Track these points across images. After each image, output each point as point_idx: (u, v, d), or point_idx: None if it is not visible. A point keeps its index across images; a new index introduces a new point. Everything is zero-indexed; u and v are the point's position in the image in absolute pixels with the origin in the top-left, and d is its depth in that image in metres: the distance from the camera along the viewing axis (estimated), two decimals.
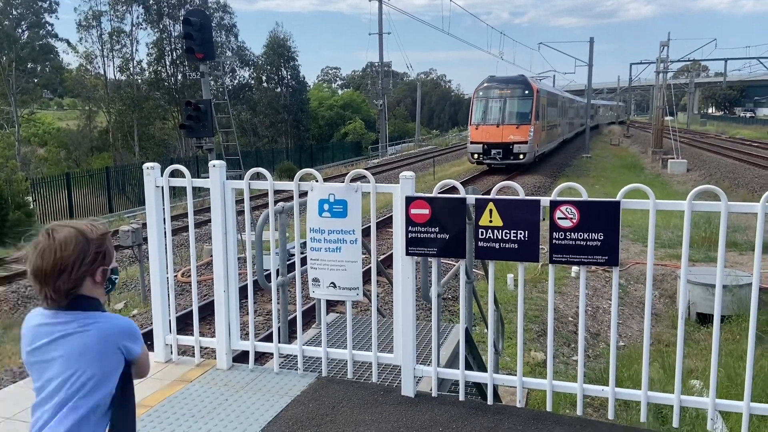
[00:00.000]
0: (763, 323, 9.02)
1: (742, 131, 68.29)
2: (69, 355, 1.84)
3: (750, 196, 21.41)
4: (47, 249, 1.84)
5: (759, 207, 3.12)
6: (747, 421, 3.26)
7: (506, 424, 3.39)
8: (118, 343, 1.89)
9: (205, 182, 4.08)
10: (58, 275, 1.83)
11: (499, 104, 28.36)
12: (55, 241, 1.85)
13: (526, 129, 27.71)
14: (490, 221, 3.49)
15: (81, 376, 1.83)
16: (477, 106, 28.90)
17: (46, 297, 1.87)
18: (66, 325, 1.86)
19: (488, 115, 28.42)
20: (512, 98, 28.43)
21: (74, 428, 1.82)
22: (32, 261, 1.86)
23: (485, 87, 29.10)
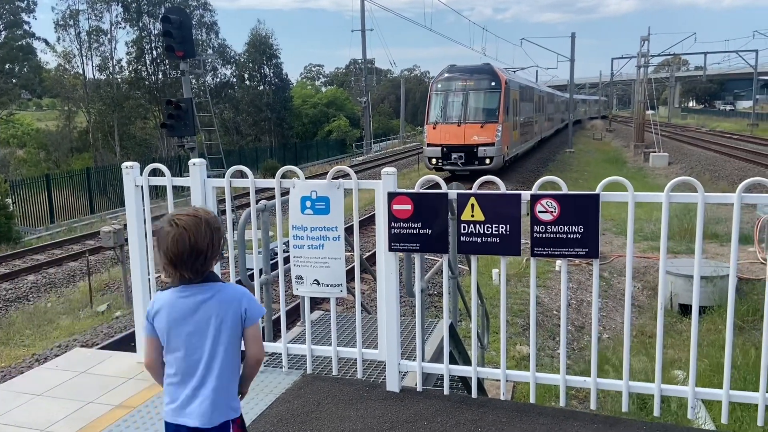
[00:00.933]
0: (744, 313, 9.18)
1: (722, 124, 69.15)
2: (209, 318, 2.18)
3: (730, 187, 21.69)
4: (180, 238, 2.12)
5: (735, 198, 3.16)
6: (727, 409, 3.31)
7: (490, 416, 3.41)
8: (242, 306, 2.24)
9: (186, 181, 4.05)
10: (195, 259, 2.14)
11: (460, 99, 23.79)
12: (185, 230, 2.12)
13: (493, 128, 23.16)
14: (472, 216, 3.50)
15: (221, 333, 2.19)
16: (435, 101, 24.41)
17: (182, 276, 2.17)
18: (203, 294, 2.19)
19: (448, 111, 23.84)
20: (476, 91, 23.87)
21: (225, 375, 2.21)
22: (168, 248, 2.12)
23: (444, 78, 24.60)
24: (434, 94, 24.50)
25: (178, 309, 2.19)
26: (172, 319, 2.20)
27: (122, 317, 10.15)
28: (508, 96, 24.36)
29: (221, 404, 2.23)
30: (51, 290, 12.97)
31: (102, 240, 11.01)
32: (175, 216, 2.17)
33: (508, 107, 24.64)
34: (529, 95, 32.05)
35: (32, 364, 8.24)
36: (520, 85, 29.16)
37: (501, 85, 23.72)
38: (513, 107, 25.98)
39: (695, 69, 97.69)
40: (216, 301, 2.20)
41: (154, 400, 3.70)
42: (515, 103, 26.60)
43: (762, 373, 3.21)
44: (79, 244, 16.92)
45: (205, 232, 2.15)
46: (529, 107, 32.04)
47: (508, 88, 24.47)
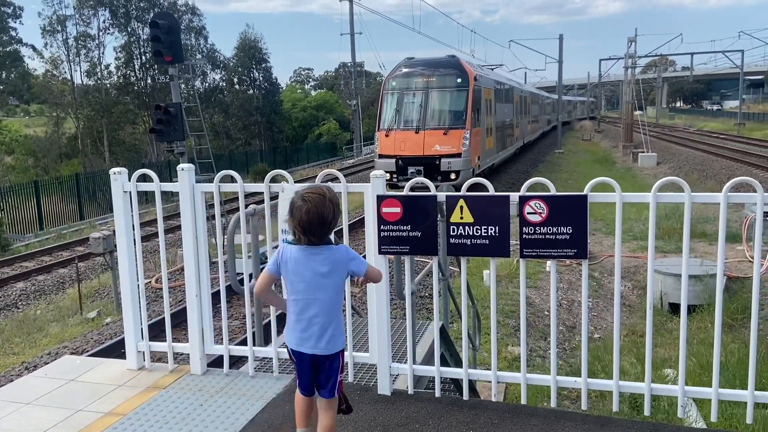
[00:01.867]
0: (733, 311, 9.25)
1: (709, 124, 69.72)
2: (327, 273, 2.79)
3: (718, 186, 21.80)
4: (310, 211, 2.71)
5: (721, 197, 3.19)
6: (716, 407, 3.33)
7: (482, 418, 3.41)
8: (348, 267, 2.85)
9: (174, 186, 4.03)
10: (320, 226, 2.73)
11: (419, 99, 19.43)
12: (313, 204, 2.71)
13: (459, 135, 18.76)
14: (461, 218, 3.51)
15: (334, 288, 2.83)
16: (387, 103, 19.85)
17: (309, 240, 2.76)
18: (321, 254, 2.79)
19: (404, 115, 19.52)
20: (438, 90, 19.50)
21: (335, 319, 2.86)
22: (302, 218, 2.72)
23: (399, 75, 20.22)
24: (387, 94, 20.00)
25: (303, 263, 2.79)
26: (297, 269, 2.80)
27: (112, 324, 10.08)
28: (478, 95, 20.19)
29: (332, 338, 2.85)
30: (40, 297, 12.87)
31: (91, 246, 10.95)
32: (305, 193, 2.75)
33: (479, 109, 20.42)
34: (507, 95, 28.19)
35: (21, 372, 8.17)
36: (496, 83, 25.09)
37: (469, 81, 19.34)
38: (486, 109, 21.88)
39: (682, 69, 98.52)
40: (330, 260, 2.80)
41: (144, 407, 3.67)
42: (489, 104, 22.52)
43: (750, 371, 3.23)
44: (68, 250, 16.81)
45: (328, 207, 2.74)
46: (507, 109, 28.02)
47: (478, 86, 20.26)
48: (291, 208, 2.77)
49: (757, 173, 23.99)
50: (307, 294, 2.81)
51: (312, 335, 2.82)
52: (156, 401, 3.75)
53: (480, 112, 20.54)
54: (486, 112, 21.86)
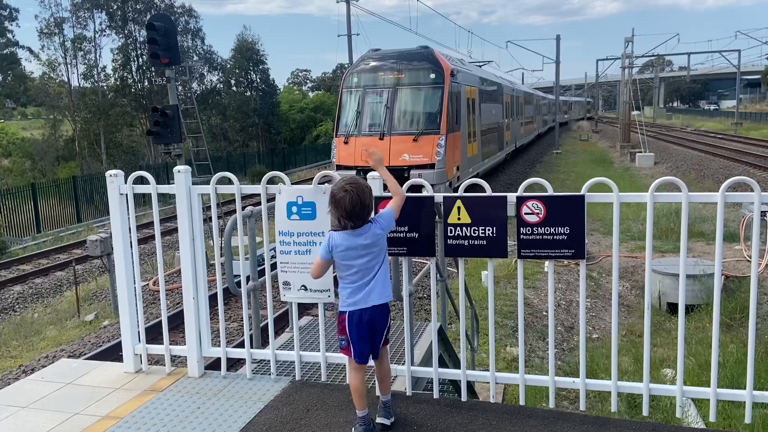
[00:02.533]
0: (731, 310, 9.26)
1: (706, 124, 69.83)
2: (372, 244, 3.25)
3: (716, 186, 21.85)
4: (354, 199, 3.13)
5: (718, 197, 3.18)
6: (715, 407, 3.32)
7: (480, 419, 3.41)
8: (384, 232, 3.32)
9: (171, 188, 4.02)
10: (362, 211, 3.17)
11: (384, 98, 16.25)
12: (355, 193, 3.13)
13: (432, 142, 15.65)
14: (458, 219, 3.50)
15: (380, 251, 3.31)
16: (347, 103, 16.75)
17: (354, 224, 3.19)
18: (367, 231, 3.24)
19: (366, 118, 16.36)
20: (408, 88, 16.33)
21: (385, 277, 3.34)
22: (346, 206, 3.13)
23: (362, 69, 16.96)
24: (347, 93, 16.78)
25: (351, 245, 3.22)
26: (348, 253, 3.23)
27: (110, 326, 10.06)
28: (457, 94, 17.10)
29: (385, 291, 3.34)
30: (38, 300, 12.84)
31: (89, 249, 10.92)
32: (345, 184, 3.16)
33: (458, 110, 17.31)
34: (495, 94, 24.95)
35: (19, 375, 8.14)
36: (481, 81, 21.56)
37: (444, 77, 16.09)
38: (468, 110, 18.78)
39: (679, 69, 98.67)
40: (371, 234, 3.24)
41: (141, 410, 3.66)
42: (471, 104, 19.44)
43: (749, 370, 3.22)
44: (65, 253, 16.77)
45: (366, 194, 3.17)
46: (496, 110, 24.94)
47: (456, 83, 17.12)
48: (333, 200, 3.18)
49: (755, 173, 24.03)
50: (361, 266, 3.26)
51: (371, 291, 3.28)
52: (153, 404, 3.74)
53: (460, 113, 17.39)
54: (468, 113, 18.71)
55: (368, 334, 3.30)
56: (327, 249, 3.28)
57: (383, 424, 3.33)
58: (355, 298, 3.29)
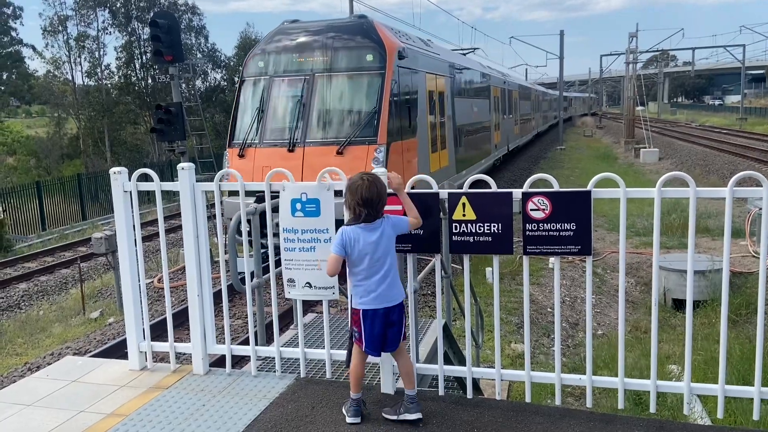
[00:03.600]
0: (737, 306, 9.21)
1: (711, 119, 69.52)
2: (386, 239, 3.32)
3: (721, 182, 21.79)
4: (372, 186, 3.23)
5: (727, 192, 3.15)
6: (722, 404, 3.30)
7: (486, 417, 3.39)
8: (396, 229, 3.39)
9: (174, 185, 4.01)
10: (378, 200, 3.26)
11: (297, 92, 11.33)
12: (372, 181, 3.24)
13: (364, 155, 10.68)
14: (463, 215, 3.49)
15: (391, 248, 3.36)
16: (247, 99, 11.87)
17: (368, 214, 3.25)
18: (380, 226, 3.31)
19: (270, 120, 11.45)
20: (332, 76, 11.30)
21: (395, 274, 3.38)
22: (363, 194, 3.21)
23: (268, 50, 11.88)
24: (248, 84, 11.89)
25: (364, 239, 3.28)
26: (362, 247, 3.28)
27: (115, 323, 10.07)
28: (410, 84, 12.06)
29: (396, 292, 3.38)
30: (43, 298, 12.87)
31: (93, 246, 10.93)
32: (362, 174, 3.27)
33: (414, 107, 12.20)
34: (478, 87, 19.90)
35: (24, 372, 8.16)
36: (454, 69, 16.32)
37: (386, 60, 11.02)
38: (432, 107, 13.63)
39: (684, 64, 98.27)
40: (381, 229, 3.31)
41: (147, 408, 3.66)
42: (439, 99, 14.30)
43: (756, 367, 3.20)
44: (70, 251, 16.81)
45: (382, 185, 3.29)
46: (479, 107, 19.67)
47: (410, 70, 12.05)
48: (351, 187, 3.25)
49: (760, 168, 23.91)
50: (373, 262, 3.30)
51: (383, 292, 3.33)
52: (158, 402, 3.73)
53: (415, 112, 12.15)
54: (432, 112, 13.49)
55: (382, 331, 3.36)
56: (340, 244, 3.30)
57: (418, 419, 3.33)
58: (370, 297, 3.33)
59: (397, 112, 11.30)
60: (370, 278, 3.32)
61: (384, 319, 3.35)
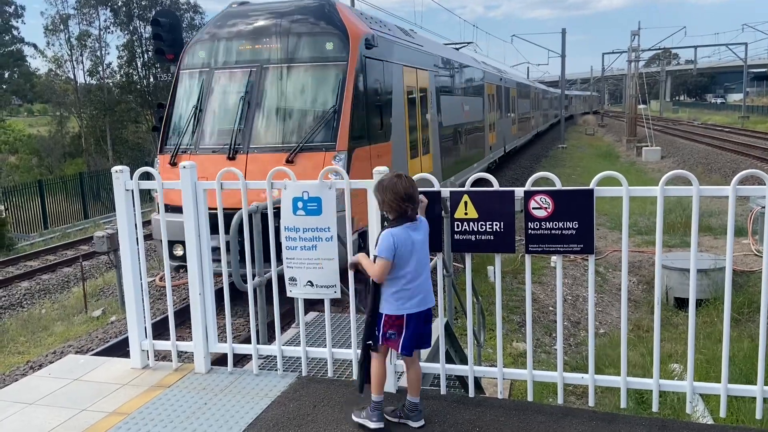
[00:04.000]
0: (739, 305, 9.20)
1: (713, 117, 69.40)
2: (424, 241, 3.29)
3: (723, 180, 21.76)
4: (410, 183, 3.19)
5: (730, 190, 3.14)
6: (725, 403, 3.29)
7: (488, 416, 3.39)
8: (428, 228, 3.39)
9: (176, 184, 4.01)
10: (417, 195, 3.23)
11: (242, 87, 9.26)
12: (407, 178, 3.19)
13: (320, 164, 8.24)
14: (465, 213, 3.48)
15: (426, 245, 3.32)
16: (183, 95, 9.87)
17: (413, 210, 3.19)
18: (421, 225, 3.30)
19: (209, 121, 9.37)
20: (284, 68, 9.21)
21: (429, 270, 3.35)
22: (405, 189, 3.15)
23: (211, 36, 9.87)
24: (185, 77, 9.98)
25: (409, 239, 3.20)
26: (407, 248, 3.19)
27: (117, 322, 10.07)
28: (380, 78, 10.15)
29: (432, 296, 3.40)
30: (45, 296, 12.88)
31: (95, 245, 10.93)
32: (394, 173, 3.24)
33: (387, 106, 10.34)
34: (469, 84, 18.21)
35: (26, 371, 8.17)
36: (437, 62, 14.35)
37: (349, 49, 9.20)
38: (410, 106, 11.54)
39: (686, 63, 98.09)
40: (422, 228, 3.30)
41: (149, 406, 3.66)
42: (420, 96, 12.30)
43: (759, 366, 3.19)
44: (72, 249, 16.82)
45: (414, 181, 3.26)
46: (472, 105, 17.93)
47: (380, 62, 10.18)
48: (389, 186, 3.15)
49: (762, 166, 23.86)
50: (416, 263, 3.23)
51: (426, 293, 3.31)
52: (160, 400, 3.74)
53: (387, 111, 10.19)
54: (412, 110, 11.51)
55: (423, 332, 3.33)
56: (390, 248, 3.16)
57: (420, 427, 3.30)
58: (416, 300, 3.26)
59: (364, 112, 9.27)
60: (416, 280, 3.23)
61: (425, 319, 3.32)
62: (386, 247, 3.16)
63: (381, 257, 3.17)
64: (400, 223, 3.19)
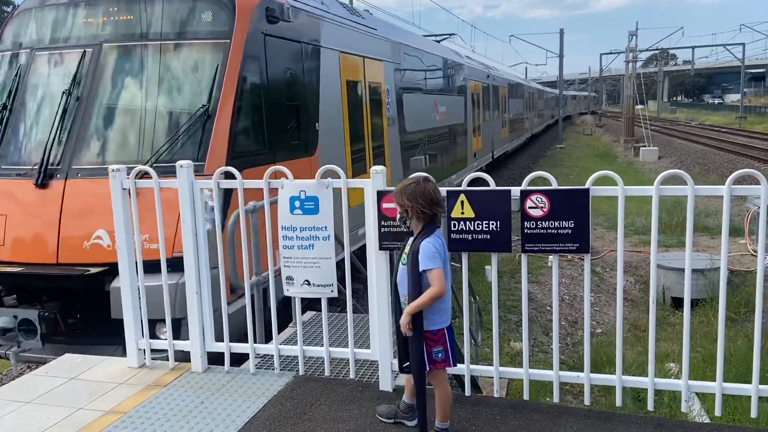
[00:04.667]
0: (736, 305, 9.22)
1: (711, 117, 69.52)
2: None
3: (720, 180, 21.78)
4: (436, 188, 3.09)
5: (725, 190, 3.16)
6: (720, 401, 3.30)
7: (485, 414, 3.40)
8: None
9: (173, 183, 4.01)
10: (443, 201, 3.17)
11: (68, 74, 6.11)
12: (434, 184, 3.09)
13: (174, 195, 4.08)
14: (462, 213, 3.49)
15: None
16: None
17: (439, 216, 3.10)
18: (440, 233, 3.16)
19: (16, 129, 6.22)
20: (131, 48, 6.14)
21: None
22: (434, 194, 3.06)
23: (37, 7, 6.58)
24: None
25: (443, 245, 3.09)
26: (445, 254, 3.08)
27: None
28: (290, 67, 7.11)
29: None
30: None
31: None
32: (422, 176, 3.10)
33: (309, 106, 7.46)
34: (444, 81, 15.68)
35: (24, 370, 8.16)
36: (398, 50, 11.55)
37: (234, 21, 6.13)
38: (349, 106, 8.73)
39: (683, 63, 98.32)
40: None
41: (145, 405, 3.66)
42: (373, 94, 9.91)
43: (754, 365, 3.21)
44: None
45: None
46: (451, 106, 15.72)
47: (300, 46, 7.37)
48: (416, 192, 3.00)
49: (759, 166, 23.89)
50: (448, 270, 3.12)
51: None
52: (157, 399, 3.74)
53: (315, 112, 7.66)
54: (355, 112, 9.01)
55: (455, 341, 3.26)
56: (441, 257, 3.02)
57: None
58: (449, 312, 3.21)
59: (264, 114, 6.48)
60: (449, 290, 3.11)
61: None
62: (434, 255, 2.98)
63: (437, 268, 2.98)
64: (431, 230, 3.04)
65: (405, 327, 3.02)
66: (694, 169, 25.63)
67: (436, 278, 2.97)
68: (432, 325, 3.08)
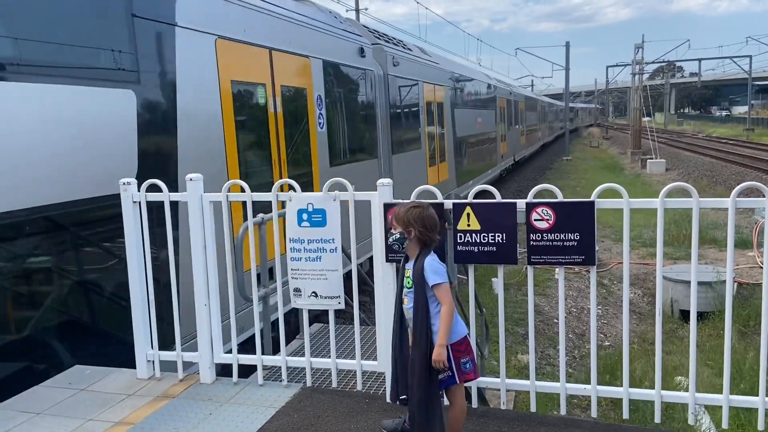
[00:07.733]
0: (745, 318, 9.17)
1: (718, 130, 69.35)
2: None
3: (727, 193, 21.58)
4: (434, 213, 3.14)
5: (729, 202, 3.17)
6: (727, 414, 3.30)
7: (491, 426, 3.40)
8: None
9: (183, 196, 4.06)
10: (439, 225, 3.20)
11: None
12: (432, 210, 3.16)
13: None
14: (468, 225, 3.52)
15: None
16: None
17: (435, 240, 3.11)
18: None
19: None
20: None
21: None
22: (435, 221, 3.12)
23: None
24: None
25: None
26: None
27: None
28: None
29: None
30: None
31: None
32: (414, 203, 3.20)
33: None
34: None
35: None
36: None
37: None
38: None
39: (690, 75, 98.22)
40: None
41: (155, 416, 3.68)
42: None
43: (761, 377, 3.21)
44: None
45: None
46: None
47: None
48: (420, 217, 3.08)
49: (767, 179, 23.82)
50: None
51: None
52: (166, 410, 3.76)
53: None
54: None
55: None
56: (442, 270, 3.07)
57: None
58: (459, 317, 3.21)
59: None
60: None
61: None
62: (438, 270, 3.05)
63: (444, 282, 3.04)
64: (427, 252, 3.09)
65: (442, 361, 2.98)
66: (701, 181, 25.55)
67: (444, 294, 3.01)
68: (455, 335, 3.08)
